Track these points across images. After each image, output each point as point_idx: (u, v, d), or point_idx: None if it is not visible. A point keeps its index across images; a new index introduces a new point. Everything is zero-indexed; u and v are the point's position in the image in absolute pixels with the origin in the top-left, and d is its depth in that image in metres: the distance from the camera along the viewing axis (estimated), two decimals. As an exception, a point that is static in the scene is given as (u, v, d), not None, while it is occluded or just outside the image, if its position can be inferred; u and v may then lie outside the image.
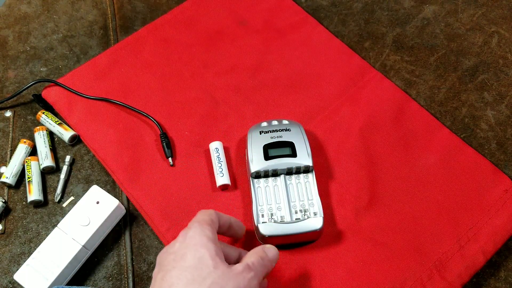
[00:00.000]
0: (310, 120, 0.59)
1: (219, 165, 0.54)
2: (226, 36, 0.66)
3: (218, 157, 0.55)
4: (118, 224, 0.54)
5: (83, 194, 0.53)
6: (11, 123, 0.61)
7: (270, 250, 0.43)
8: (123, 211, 0.54)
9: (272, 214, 0.50)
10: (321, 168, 0.55)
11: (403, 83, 0.63)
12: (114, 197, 0.52)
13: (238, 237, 0.48)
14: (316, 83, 0.62)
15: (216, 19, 0.68)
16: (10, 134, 0.61)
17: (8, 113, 0.62)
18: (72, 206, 0.52)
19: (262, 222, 0.49)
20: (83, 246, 0.50)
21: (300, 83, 0.62)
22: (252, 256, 0.41)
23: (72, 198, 0.56)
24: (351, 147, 0.57)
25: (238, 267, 0.40)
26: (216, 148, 0.56)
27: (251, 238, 0.52)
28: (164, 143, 0.57)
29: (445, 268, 0.49)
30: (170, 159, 0.56)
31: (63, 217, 0.52)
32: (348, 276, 0.49)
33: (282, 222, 0.49)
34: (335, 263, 0.50)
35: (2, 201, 0.55)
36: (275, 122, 0.55)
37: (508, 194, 0.53)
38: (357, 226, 0.52)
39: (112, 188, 0.57)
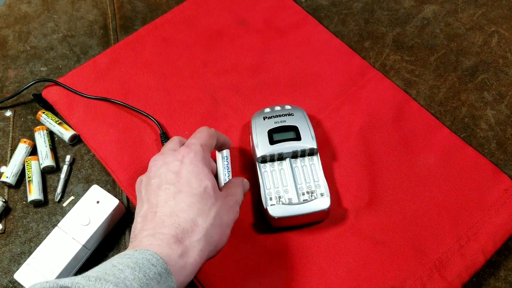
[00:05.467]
0: (310, 120, 0.59)
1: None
2: (226, 36, 0.66)
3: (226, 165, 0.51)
4: (118, 224, 0.54)
5: (83, 193, 0.53)
6: (11, 123, 0.61)
7: (247, 183, 0.49)
8: (123, 210, 0.54)
9: (280, 197, 0.51)
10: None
11: (403, 83, 0.63)
12: (114, 196, 0.53)
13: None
14: (316, 83, 0.62)
15: (216, 19, 0.68)
16: (10, 133, 0.61)
17: (8, 113, 0.62)
18: (72, 206, 0.52)
19: (271, 205, 0.50)
20: (83, 245, 0.50)
21: (300, 83, 0.62)
22: (238, 189, 0.46)
23: (72, 197, 0.56)
24: (351, 147, 0.57)
25: (230, 201, 0.44)
26: (226, 156, 0.51)
27: (260, 222, 0.53)
28: (164, 143, 0.57)
29: (445, 268, 0.49)
30: (170, 158, 0.56)
31: (63, 216, 0.52)
32: (348, 275, 0.49)
33: (290, 203, 0.50)
34: (335, 262, 0.50)
35: (2, 201, 0.55)
36: (277, 108, 0.56)
37: (508, 194, 0.53)
38: (357, 225, 0.52)
39: (112, 187, 0.57)
